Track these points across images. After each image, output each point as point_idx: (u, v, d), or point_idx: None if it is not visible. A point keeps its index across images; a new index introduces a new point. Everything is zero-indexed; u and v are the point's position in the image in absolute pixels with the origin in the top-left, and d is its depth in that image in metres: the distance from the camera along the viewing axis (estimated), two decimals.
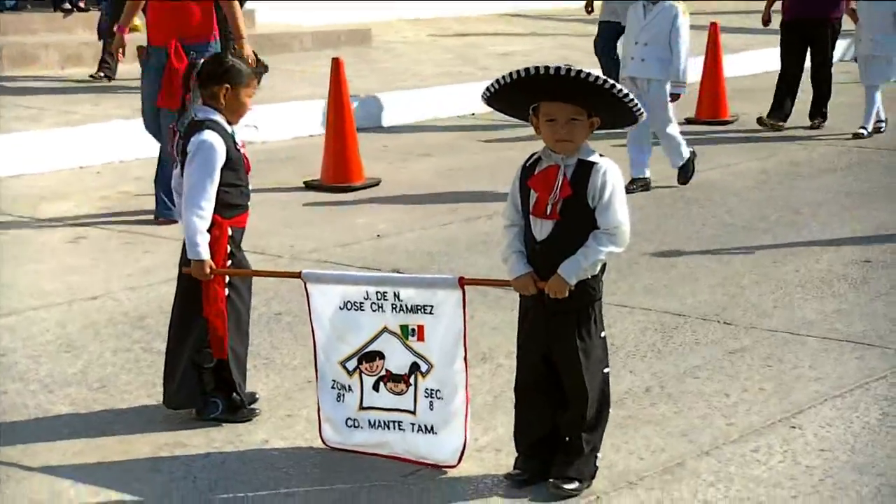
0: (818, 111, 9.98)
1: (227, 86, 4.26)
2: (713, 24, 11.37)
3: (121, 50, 7.71)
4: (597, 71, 3.77)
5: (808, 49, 9.93)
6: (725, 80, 11.13)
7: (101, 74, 12.43)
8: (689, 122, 10.19)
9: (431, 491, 3.78)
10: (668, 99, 7.96)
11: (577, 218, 3.57)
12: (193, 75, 4.35)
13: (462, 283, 3.86)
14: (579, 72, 3.58)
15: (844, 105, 10.55)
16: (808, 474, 3.87)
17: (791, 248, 6.76)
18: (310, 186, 8.27)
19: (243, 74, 4.32)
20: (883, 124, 9.89)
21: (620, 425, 4.12)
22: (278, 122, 9.63)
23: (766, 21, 10.65)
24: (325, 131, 8.43)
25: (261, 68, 4.68)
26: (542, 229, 3.61)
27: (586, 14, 11.79)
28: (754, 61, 13.43)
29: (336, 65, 8.37)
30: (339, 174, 8.16)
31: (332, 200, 7.96)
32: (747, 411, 4.45)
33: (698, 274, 6.17)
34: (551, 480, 3.68)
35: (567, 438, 3.73)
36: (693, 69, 8.58)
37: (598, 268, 3.67)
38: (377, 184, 8.26)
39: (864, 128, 9.64)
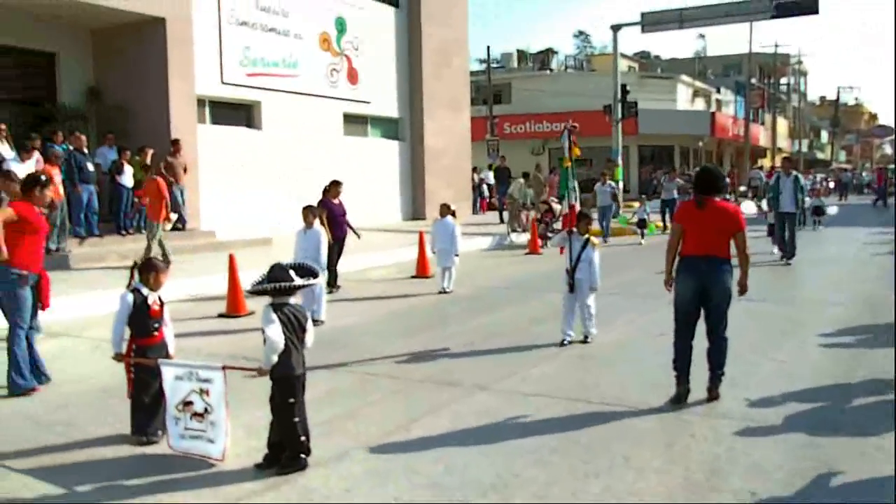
0: None
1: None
2: None
3: None
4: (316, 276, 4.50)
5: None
6: None
7: None
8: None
9: (227, 470, 4.41)
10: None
11: None
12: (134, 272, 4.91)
13: (224, 368, 4.46)
14: (260, 284, 4.40)
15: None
16: (422, 448, 4.68)
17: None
18: (220, 315, 9.12)
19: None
20: (448, 291, 10.54)
21: (321, 435, 4.70)
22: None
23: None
24: (227, 287, 9.23)
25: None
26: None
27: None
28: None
29: (230, 258, 9.37)
30: (234, 308, 9.15)
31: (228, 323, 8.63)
32: (388, 422, 5.20)
33: (375, 359, 6.81)
34: (278, 468, 4.40)
35: (284, 447, 4.41)
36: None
37: (274, 358, 4.29)
38: (252, 313, 8.89)
39: (446, 289, 10.54)
